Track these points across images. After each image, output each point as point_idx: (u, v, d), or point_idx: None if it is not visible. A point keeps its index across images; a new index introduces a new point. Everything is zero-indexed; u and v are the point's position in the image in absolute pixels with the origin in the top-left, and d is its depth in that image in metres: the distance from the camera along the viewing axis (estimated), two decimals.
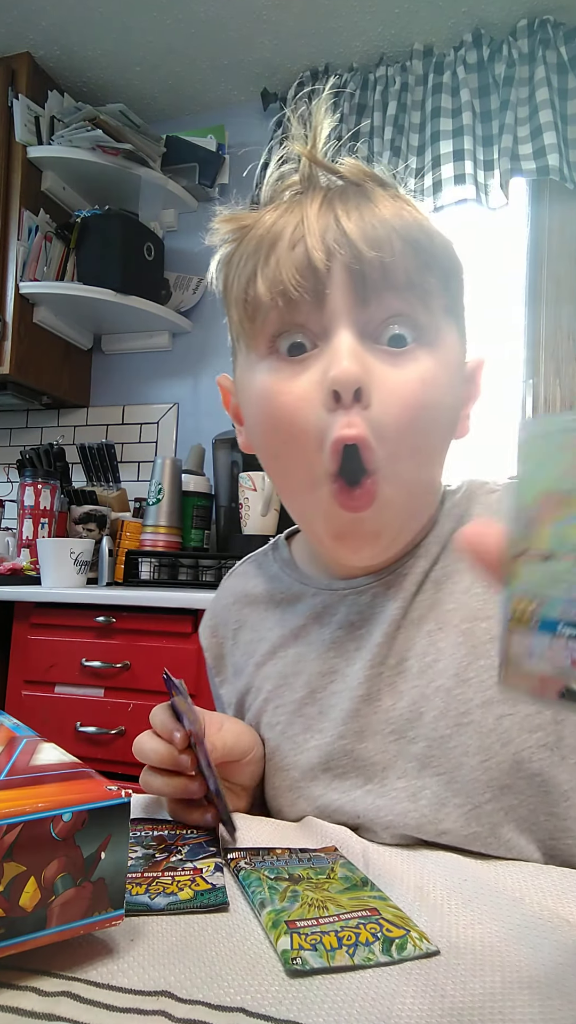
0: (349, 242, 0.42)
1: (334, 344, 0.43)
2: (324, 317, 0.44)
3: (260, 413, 0.47)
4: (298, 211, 0.45)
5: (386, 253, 0.42)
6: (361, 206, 0.44)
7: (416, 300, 0.44)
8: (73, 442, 2.12)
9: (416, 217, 0.45)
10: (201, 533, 1.82)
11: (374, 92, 1.88)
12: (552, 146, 1.65)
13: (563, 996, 0.28)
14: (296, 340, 0.45)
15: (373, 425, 0.42)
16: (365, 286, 0.43)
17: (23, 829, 0.27)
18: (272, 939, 0.31)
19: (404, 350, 0.44)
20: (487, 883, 0.38)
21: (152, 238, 1.98)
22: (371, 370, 0.43)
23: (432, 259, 0.45)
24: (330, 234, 0.43)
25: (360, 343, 0.43)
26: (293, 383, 0.44)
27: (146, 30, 1.86)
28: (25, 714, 1.41)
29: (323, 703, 0.50)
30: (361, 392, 0.42)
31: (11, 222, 1.89)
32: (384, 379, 0.43)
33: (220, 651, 0.60)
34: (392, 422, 0.43)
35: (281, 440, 0.45)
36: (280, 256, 0.44)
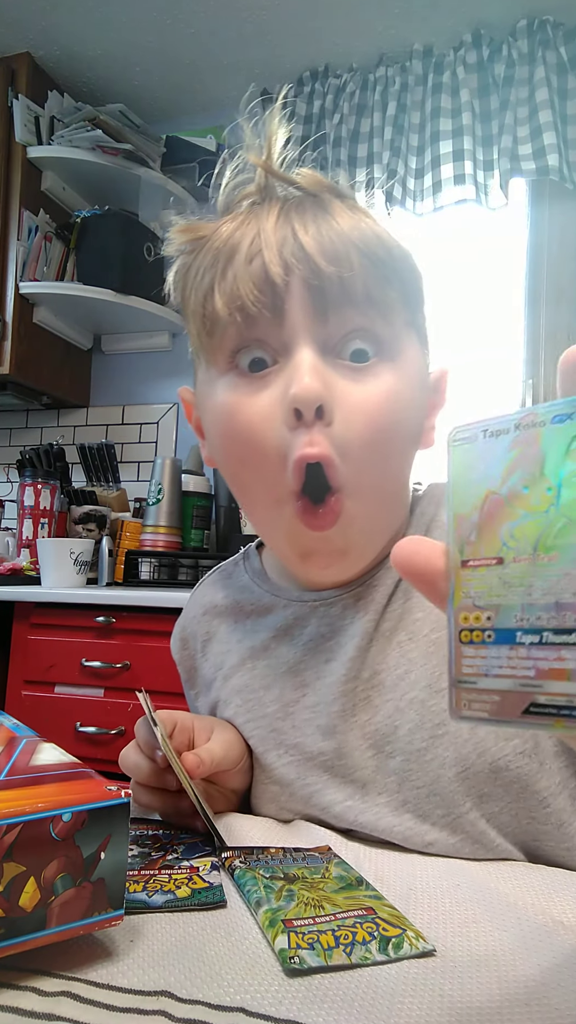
0: (307, 256, 0.42)
1: (295, 361, 0.42)
2: (284, 333, 0.43)
3: (221, 430, 0.46)
4: (255, 223, 0.44)
5: (344, 268, 0.42)
6: (319, 219, 0.43)
7: (376, 314, 0.43)
8: (73, 442, 2.12)
9: (374, 229, 0.44)
10: (201, 533, 1.82)
11: (374, 92, 1.88)
12: (552, 146, 1.65)
13: (559, 995, 0.28)
14: (256, 356, 0.44)
15: (336, 442, 0.42)
16: (324, 301, 0.42)
17: (23, 829, 0.27)
18: (269, 938, 0.31)
19: (366, 365, 0.43)
20: (480, 884, 0.38)
21: (152, 238, 1.98)
22: (333, 386, 0.42)
23: (391, 272, 0.44)
24: (287, 248, 0.42)
25: (321, 359, 0.42)
26: (254, 400, 0.43)
27: (146, 30, 1.86)
28: (25, 714, 1.41)
29: (296, 718, 0.49)
30: (323, 409, 0.41)
31: (11, 222, 1.89)
32: (347, 395, 0.42)
33: (191, 663, 0.59)
34: (356, 438, 0.42)
35: (242, 458, 0.45)
36: (237, 270, 0.43)
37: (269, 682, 0.51)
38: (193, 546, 1.80)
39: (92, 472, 2.01)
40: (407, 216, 1.83)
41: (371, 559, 0.49)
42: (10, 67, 1.92)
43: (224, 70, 2.00)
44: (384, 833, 0.44)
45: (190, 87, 2.07)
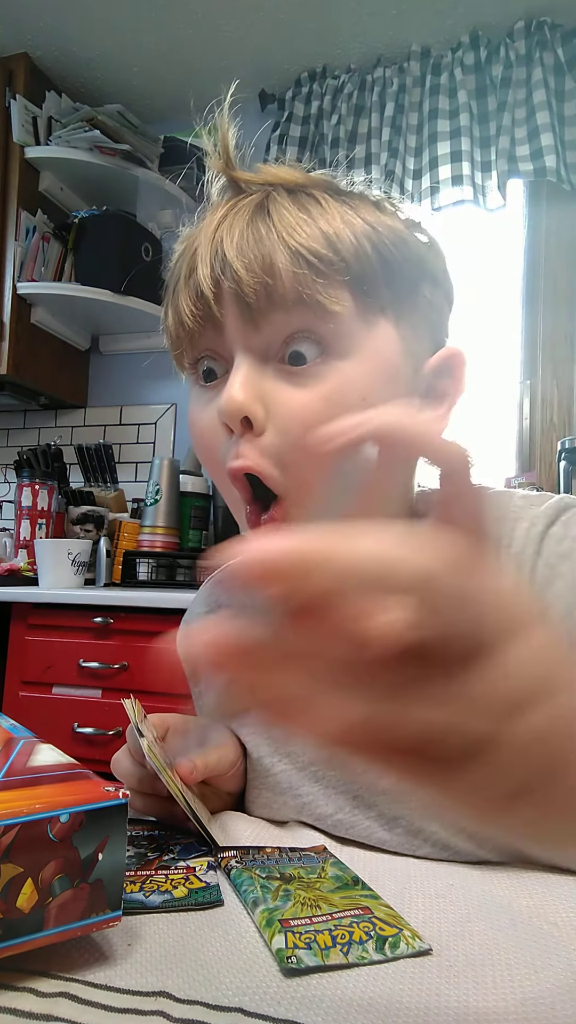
0: (229, 266, 0.41)
1: (231, 374, 0.42)
2: (225, 343, 0.43)
3: (191, 437, 0.48)
4: (204, 229, 0.44)
5: (267, 274, 0.41)
6: (253, 222, 0.42)
7: (312, 315, 0.41)
8: (71, 443, 2.12)
9: (319, 222, 0.42)
10: (199, 534, 1.82)
11: (372, 93, 1.88)
12: (549, 147, 1.65)
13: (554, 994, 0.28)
14: (207, 367, 0.45)
15: (271, 452, 0.41)
16: (251, 310, 0.41)
17: (20, 830, 0.27)
18: (266, 938, 0.31)
19: (305, 367, 0.42)
20: (474, 884, 0.38)
21: (150, 239, 1.98)
22: (269, 395, 0.41)
23: (333, 267, 0.41)
24: (217, 258, 0.42)
25: (260, 367, 0.42)
26: (204, 411, 0.45)
27: (144, 31, 1.86)
28: (22, 715, 1.41)
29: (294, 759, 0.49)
30: (251, 420, 0.40)
31: (8, 222, 1.89)
32: (283, 403, 0.41)
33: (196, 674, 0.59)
34: (292, 447, 0.41)
35: (205, 466, 0.47)
36: (181, 285, 0.44)
37: None
38: (191, 546, 1.80)
39: (90, 473, 2.00)
40: None
41: None
42: (8, 67, 1.92)
43: (222, 71, 2.00)
44: (377, 844, 0.44)
45: (188, 88, 2.07)
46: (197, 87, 2.06)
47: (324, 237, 0.42)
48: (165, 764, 0.42)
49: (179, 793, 0.41)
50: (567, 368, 1.81)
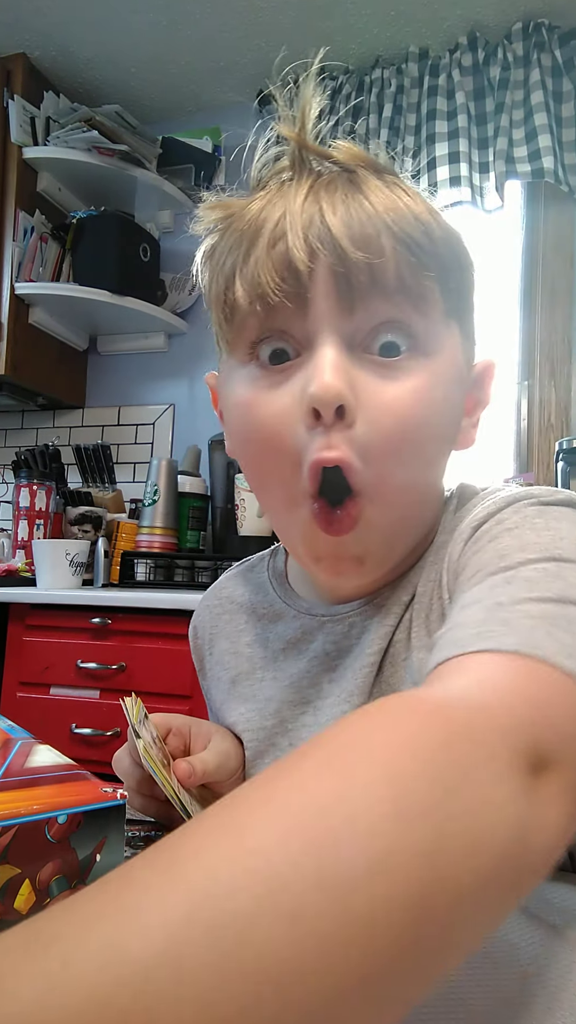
0: (333, 241, 0.38)
1: (317, 356, 0.39)
2: (307, 324, 0.39)
3: (238, 425, 0.44)
4: (282, 202, 0.40)
5: (374, 254, 0.38)
6: (350, 198, 0.39)
7: (409, 305, 0.39)
8: (69, 443, 2.11)
9: (413, 209, 0.40)
10: (197, 534, 1.82)
11: (370, 94, 1.88)
12: (547, 149, 1.66)
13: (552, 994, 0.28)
14: (277, 347, 0.41)
15: (358, 444, 0.38)
16: (351, 291, 0.38)
17: (18, 831, 0.27)
18: None
19: (396, 360, 0.40)
20: None
21: (148, 239, 1.98)
22: (357, 384, 0.39)
23: (429, 257, 0.39)
24: (313, 231, 0.38)
25: (347, 354, 0.39)
26: (272, 396, 0.41)
27: (142, 31, 1.86)
28: (20, 716, 1.41)
29: (294, 735, 0.48)
30: (344, 410, 0.38)
31: (6, 223, 1.88)
32: (373, 394, 0.39)
33: (200, 653, 0.59)
34: (381, 441, 0.39)
35: (259, 455, 0.42)
36: (259, 255, 0.39)
37: (272, 695, 0.50)
38: (189, 547, 1.80)
39: (88, 473, 2.00)
40: None
41: (389, 567, 0.45)
42: (6, 68, 1.92)
43: (220, 72, 2.00)
44: None
45: (186, 88, 2.07)
46: (195, 88, 2.06)
47: (421, 225, 0.40)
48: (163, 766, 0.42)
49: (174, 795, 0.40)
50: (565, 369, 1.82)
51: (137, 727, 0.42)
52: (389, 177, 0.42)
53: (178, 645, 1.33)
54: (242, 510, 1.62)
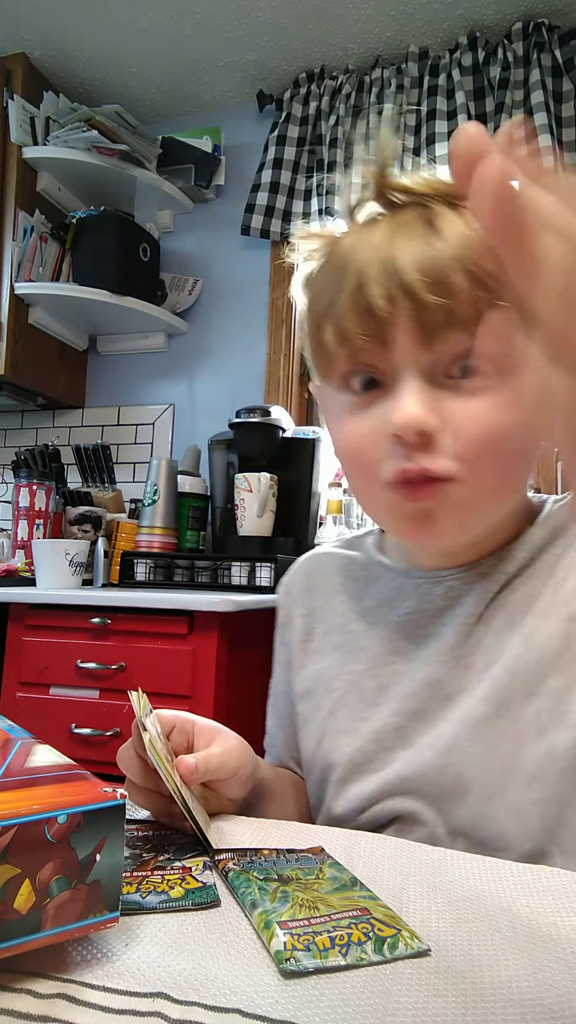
0: (409, 287, 0.42)
1: (399, 388, 0.44)
2: (391, 359, 0.44)
3: (335, 439, 0.51)
4: (365, 246, 0.45)
5: (449, 295, 0.42)
6: (425, 238, 0.43)
7: None
8: (68, 443, 2.11)
9: None
10: (197, 534, 1.82)
11: (370, 94, 1.88)
12: (547, 149, 1.66)
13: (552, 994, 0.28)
14: (367, 378, 0.46)
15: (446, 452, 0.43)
16: (429, 330, 0.43)
17: (18, 831, 0.27)
18: (264, 940, 0.31)
19: (474, 380, 0.44)
20: (472, 883, 0.38)
21: (148, 239, 1.98)
22: (441, 407, 0.43)
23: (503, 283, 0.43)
24: (391, 278, 0.43)
25: (427, 381, 0.44)
26: (360, 419, 0.47)
27: (142, 31, 1.86)
28: (20, 716, 1.40)
29: (382, 679, 0.53)
30: (426, 434, 0.43)
31: (6, 223, 1.88)
32: (457, 412, 0.44)
33: (290, 610, 0.63)
34: (468, 449, 0.43)
35: (348, 465, 0.50)
36: (345, 302, 0.45)
37: (363, 644, 0.55)
38: (189, 547, 1.80)
39: (88, 473, 2.00)
40: None
41: (472, 537, 0.50)
42: (5, 68, 1.92)
43: (220, 71, 2.00)
44: None
45: (186, 88, 2.07)
46: (195, 88, 2.06)
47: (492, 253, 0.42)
48: (167, 761, 0.42)
49: (177, 791, 0.41)
50: None
51: (144, 721, 0.43)
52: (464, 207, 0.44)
53: (178, 645, 1.33)
54: (242, 510, 1.62)
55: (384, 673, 0.53)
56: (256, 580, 1.51)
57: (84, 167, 1.92)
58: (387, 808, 0.50)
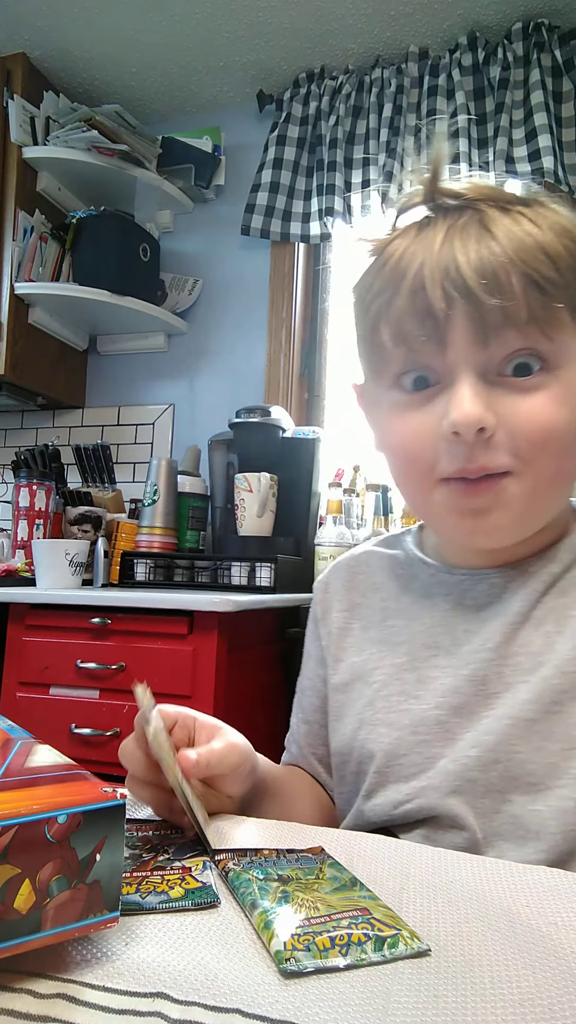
0: (468, 289, 0.44)
1: (456, 387, 0.45)
2: (446, 359, 0.46)
3: (384, 438, 0.52)
4: (421, 249, 0.46)
5: (506, 296, 0.43)
6: (481, 240, 0.45)
7: (539, 333, 0.45)
8: (68, 443, 2.11)
9: (541, 241, 0.45)
10: (197, 534, 1.82)
11: (370, 94, 1.88)
12: (547, 148, 1.66)
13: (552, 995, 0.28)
14: (420, 375, 0.48)
15: (503, 447, 0.45)
16: (485, 329, 0.44)
17: (17, 831, 0.27)
18: (264, 940, 0.31)
19: (529, 379, 0.45)
20: (472, 883, 0.38)
21: (148, 239, 1.98)
22: (496, 405, 0.45)
23: (557, 288, 0.44)
24: (449, 279, 0.44)
25: (482, 381, 0.45)
26: (413, 417, 0.48)
27: (142, 31, 1.86)
28: (20, 716, 1.40)
29: (422, 673, 0.53)
30: (485, 431, 0.44)
31: (6, 223, 1.88)
32: (512, 409, 0.45)
33: (328, 605, 0.64)
34: (525, 445, 0.45)
35: (400, 464, 0.51)
36: (402, 303, 0.46)
37: (404, 638, 0.55)
38: (189, 547, 1.80)
39: (87, 473, 2.00)
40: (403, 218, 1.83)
41: (522, 537, 0.51)
42: (5, 67, 1.92)
43: (220, 71, 2.00)
44: None
45: (186, 88, 2.07)
46: (195, 88, 2.06)
47: (547, 256, 0.44)
48: (169, 754, 0.42)
49: (178, 784, 0.41)
50: None
51: (148, 714, 0.43)
52: (516, 209, 0.47)
53: (178, 645, 1.33)
54: (242, 510, 1.62)
55: (424, 667, 0.53)
56: (256, 580, 1.51)
57: (84, 167, 1.92)
58: (425, 806, 0.49)
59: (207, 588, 1.56)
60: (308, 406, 2.08)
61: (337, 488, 1.68)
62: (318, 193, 1.92)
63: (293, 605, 1.48)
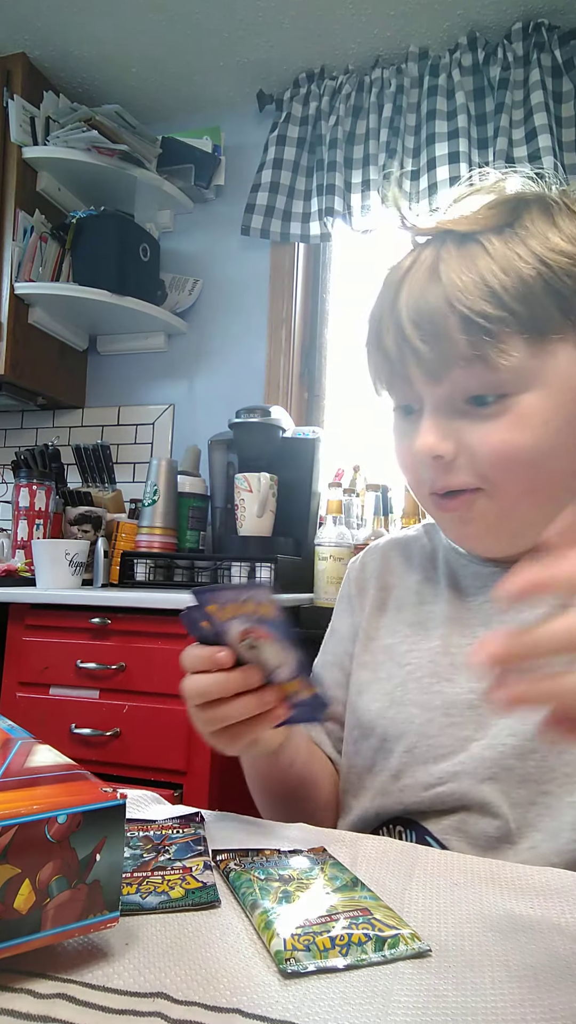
0: (405, 337, 0.49)
1: (422, 419, 0.51)
2: (415, 393, 0.52)
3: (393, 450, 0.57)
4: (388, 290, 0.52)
5: (441, 341, 0.47)
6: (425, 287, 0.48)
7: (485, 368, 0.47)
8: (68, 443, 2.11)
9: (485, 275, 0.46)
10: (197, 534, 1.82)
11: (370, 94, 1.88)
12: (547, 149, 1.66)
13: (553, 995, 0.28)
14: (405, 404, 0.54)
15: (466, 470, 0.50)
16: (433, 370, 0.49)
17: (18, 831, 0.27)
18: (265, 940, 0.31)
19: (487, 408, 0.49)
20: (474, 884, 0.38)
21: (148, 239, 1.98)
22: (458, 433, 0.49)
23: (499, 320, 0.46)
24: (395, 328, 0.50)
25: (444, 412, 0.50)
26: (406, 441, 0.54)
27: (142, 31, 1.86)
28: (20, 716, 1.40)
29: (456, 657, 0.55)
30: (443, 458, 0.49)
31: (6, 223, 1.88)
32: (472, 437, 0.49)
33: (363, 584, 0.66)
34: (487, 467, 0.49)
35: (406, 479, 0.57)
36: (372, 347, 0.54)
37: (439, 622, 0.58)
38: (189, 547, 1.80)
39: (87, 473, 2.00)
40: None
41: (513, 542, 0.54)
42: (5, 67, 1.92)
43: (220, 71, 2.00)
44: None
45: (186, 88, 2.07)
46: (195, 88, 2.06)
47: (491, 294, 0.47)
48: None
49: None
50: None
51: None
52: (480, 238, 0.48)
53: (178, 645, 1.32)
54: (242, 510, 1.62)
55: (458, 652, 0.55)
56: (256, 580, 1.51)
57: (84, 167, 1.92)
58: (458, 791, 0.49)
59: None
60: (308, 406, 2.08)
61: (337, 488, 1.68)
62: (318, 193, 1.92)
63: (293, 605, 1.48)
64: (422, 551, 0.65)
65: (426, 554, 0.64)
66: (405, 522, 1.64)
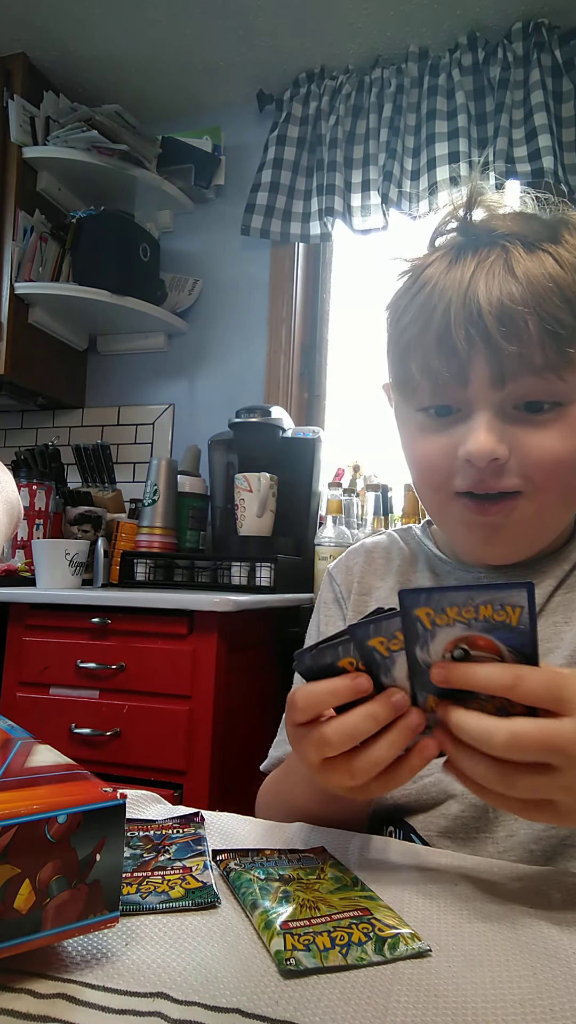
0: (488, 334, 0.47)
1: (473, 420, 0.49)
2: (468, 394, 0.49)
3: (408, 450, 0.56)
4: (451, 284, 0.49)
5: (523, 343, 0.46)
6: (504, 284, 0.47)
7: (554, 377, 0.47)
8: (68, 443, 2.11)
9: (560, 283, 0.47)
10: (197, 534, 1.82)
11: (370, 94, 1.88)
12: (547, 148, 1.66)
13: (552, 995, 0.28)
14: (442, 404, 0.51)
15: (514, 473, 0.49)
16: (503, 373, 0.47)
17: (17, 831, 0.27)
18: (265, 940, 0.31)
19: (541, 415, 0.49)
20: (474, 884, 0.38)
21: (148, 239, 1.98)
22: (510, 437, 0.48)
23: (572, 331, 0.47)
24: (472, 323, 0.47)
25: (499, 416, 0.49)
26: (434, 439, 0.52)
27: (142, 31, 1.86)
28: (20, 716, 1.40)
29: None
30: (497, 461, 0.48)
31: (6, 223, 1.88)
32: (524, 441, 0.49)
33: (350, 587, 0.65)
34: (535, 474, 0.49)
35: (420, 477, 0.55)
36: (430, 341, 0.50)
37: None
38: (189, 547, 1.80)
39: (87, 473, 2.00)
40: (403, 218, 1.83)
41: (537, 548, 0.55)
42: (5, 68, 1.92)
43: (220, 71, 2.00)
44: None
45: (186, 88, 2.07)
46: (195, 88, 2.06)
47: (566, 301, 0.47)
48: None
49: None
50: None
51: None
52: (543, 246, 0.49)
53: (178, 645, 1.33)
54: (242, 510, 1.62)
55: None
56: (256, 580, 1.51)
57: (84, 167, 1.92)
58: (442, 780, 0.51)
59: (207, 588, 1.55)
60: (308, 406, 2.08)
61: (337, 488, 1.68)
62: (318, 193, 1.92)
63: (293, 605, 1.48)
64: (401, 554, 0.65)
65: (405, 558, 0.64)
66: (404, 522, 1.64)
